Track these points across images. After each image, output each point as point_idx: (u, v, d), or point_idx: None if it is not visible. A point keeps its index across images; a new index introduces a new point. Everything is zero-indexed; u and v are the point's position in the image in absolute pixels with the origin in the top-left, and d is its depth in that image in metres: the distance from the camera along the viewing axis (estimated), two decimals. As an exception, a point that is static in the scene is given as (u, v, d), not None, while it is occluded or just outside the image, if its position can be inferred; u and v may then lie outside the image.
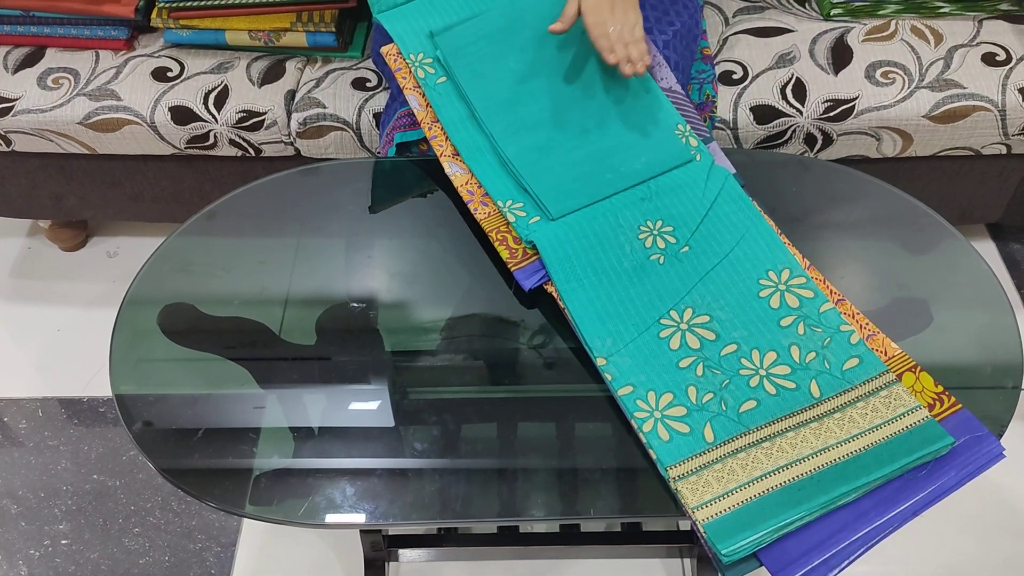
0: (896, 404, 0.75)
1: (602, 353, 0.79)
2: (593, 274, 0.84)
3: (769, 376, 0.77)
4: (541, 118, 0.94)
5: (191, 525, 1.21)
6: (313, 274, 0.91)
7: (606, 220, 0.87)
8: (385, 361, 0.84)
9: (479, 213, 0.90)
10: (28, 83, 1.23)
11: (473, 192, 0.92)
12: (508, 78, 0.96)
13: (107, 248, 1.56)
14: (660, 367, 0.78)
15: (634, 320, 0.81)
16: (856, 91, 1.15)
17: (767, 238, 0.86)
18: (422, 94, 0.98)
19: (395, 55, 1.02)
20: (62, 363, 1.40)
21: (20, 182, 1.35)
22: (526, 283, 0.85)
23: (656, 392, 0.77)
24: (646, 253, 0.85)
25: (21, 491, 1.26)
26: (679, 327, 0.80)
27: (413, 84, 0.99)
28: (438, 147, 0.95)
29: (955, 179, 1.27)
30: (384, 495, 0.74)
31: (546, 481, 0.75)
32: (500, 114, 0.94)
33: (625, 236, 0.86)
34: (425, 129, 0.97)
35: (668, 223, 0.87)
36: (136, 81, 1.22)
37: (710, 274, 0.84)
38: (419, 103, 0.98)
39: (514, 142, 0.92)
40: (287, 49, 1.25)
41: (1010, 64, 1.16)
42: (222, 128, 1.20)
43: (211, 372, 0.84)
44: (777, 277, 0.83)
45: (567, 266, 0.84)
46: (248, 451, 0.77)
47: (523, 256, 0.86)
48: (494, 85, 0.96)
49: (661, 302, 0.82)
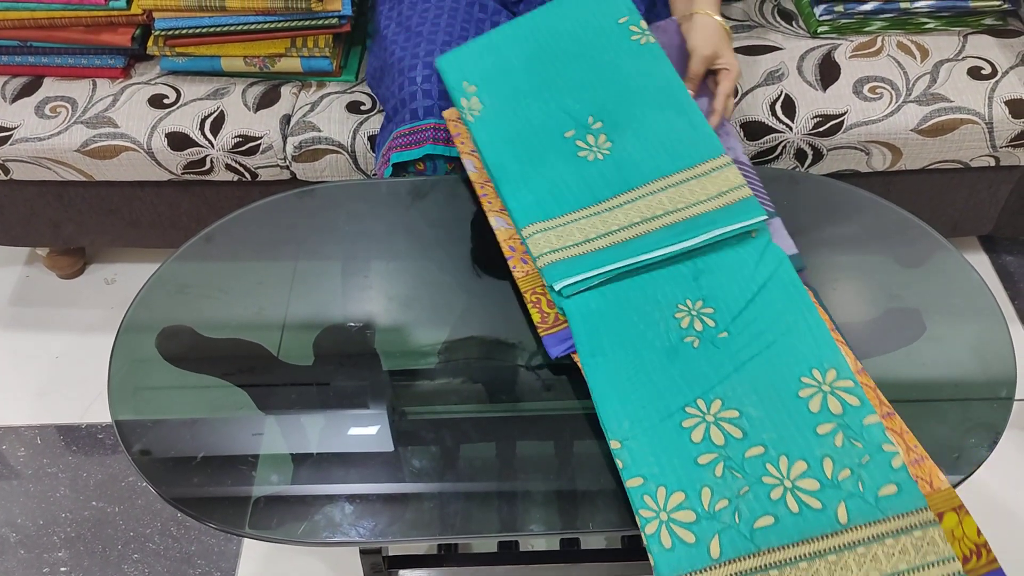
0: (928, 550, 0.66)
1: (616, 436, 0.73)
2: (621, 350, 0.78)
3: (794, 490, 0.69)
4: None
5: (191, 550, 1.21)
6: (310, 295, 0.91)
7: (644, 294, 0.82)
8: (383, 381, 0.85)
9: (517, 271, 0.87)
10: (26, 112, 1.24)
11: (515, 248, 0.89)
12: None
13: (105, 275, 1.57)
14: (677, 460, 0.71)
15: (656, 405, 0.75)
16: (845, 106, 1.16)
17: (816, 332, 0.77)
18: (477, 156, 0.96)
19: (455, 120, 0.99)
20: (60, 390, 1.40)
21: (18, 210, 1.36)
22: (554, 350, 0.81)
23: (667, 489, 0.70)
24: (680, 334, 0.78)
25: (20, 519, 1.25)
26: (704, 418, 0.73)
27: (470, 149, 0.97)
28: (487, 204, 0.93)
29: (945, 192, 1.28)
30: (383, 513, 0.75)
31: (545, 498, 0.76)
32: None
33: (661, 313, 0.80)
34: (478, 189, 0.94)
35: (709, 304, 0.80)
36: (133, 108, 1.23)
37: (747, 365, 0.76)
38: (474, 165, 0.96)
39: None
40: (282, 74, 1.26)
41: (995, 77, 1.17)
42: (218, 153, 1.21)
43: (209, 395, 0.84)
44: (822, 377, 0.74)
45: (594, 338, 0.79)
46: (248, 472, 0.77)
47: (554, 322, 0.83)
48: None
49: (689, 389, 0.75)
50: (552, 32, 0.99)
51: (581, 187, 0.88)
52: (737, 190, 0.85)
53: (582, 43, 0.97)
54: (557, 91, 0.95)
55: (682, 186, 0.87)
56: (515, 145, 0.92)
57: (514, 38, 0.99)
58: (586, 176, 0.89)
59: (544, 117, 0.94)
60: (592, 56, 0.96)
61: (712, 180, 0.87)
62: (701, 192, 0.86)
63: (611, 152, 0.90)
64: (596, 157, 0.90)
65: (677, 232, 0.84)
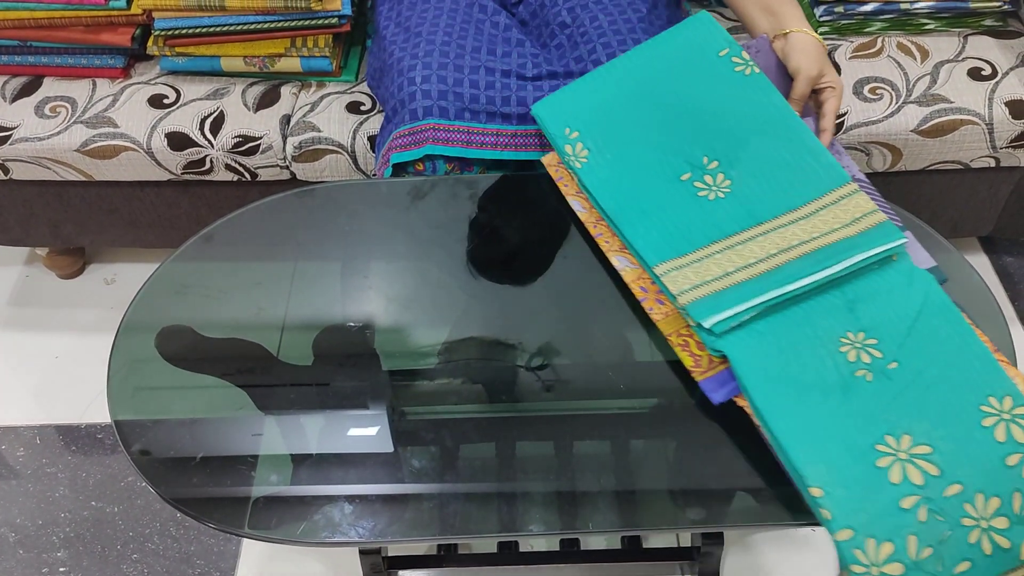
0: None
1: (818, 483, 0.69)
2: (795, 391, 0.74)
3: (989, 530, 0.66)
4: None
5: (190, 550, 1.21)
6: (310, 295, 0.91)
7: (801, 331, 0.77)
8: (383, 381, 0.85)
9: (655, 313, 0.83)
10: (26, 112, 1.24)
11: (647, 289, 0.84)
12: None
13: (104, 275, 1.57)
14: (880, 505, 0.68)
15: (847, 445, 0.71)
16: (845, 107, 1.16)
17: (982, 359, 0.74)
18: (584, 197, 0.92)
19: (555, 164, 0.96)
20: (60, 390, 1.40)
21: (17, 210, 1.35)
22: (715, 395, 0.77)
23: (876, 540, 0.66)
24: (850, 368, 0.75)
25: (19, 519, 1.25)
26: (897, 456, 0.70)
27: (576, 190, 0.93)
28: (605, 244, 0.89)
29: (945, 192, 1.28)
30: (383, 514, 0.74)
31: (545, 498, 0.75)
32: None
33: (825, 349, 0.76)
34: (591, 229, 0.91)
35: (871, 335, 0.76)
36: (133, 108, 1.23)
37: (925, 395, 0.72)
38: (582, 206, 0.92)
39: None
40: (282, 74, 1.26)
41: (995, 78, 1.17)
42: (218, 153, 1.21)
43: (209, 395, 0.84)
44: (999, 404, 0.71)
45: (764, 382, 0.74)
46: (247, 472, 0.77)
47: (709, 364, 0.78)
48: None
49: (875, 425, 0.71)
50: (651, 72, 0.96)
51: (707, 224, 0.85)
52: (870, 215, 0.82)
53: (684, 81, 0.94)
54: (665, 133, 0.92)
55: (813, 217, 0.83)
56: (630, 190, 0.89)
57: (612, 80, 0.97)
58: (710, 214, 0.86)
59: (656, 162, 0.90)
60: (697, 93, 0.93)
61: (842, 208, 0.83)
62: (833, 220, 0.83)
63: (731, 191, 0.87)
64: (717, 196, 0.87)
65: (818, 260, 0.80)
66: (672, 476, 0.77)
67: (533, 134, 1.04)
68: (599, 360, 0.85)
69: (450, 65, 1.05)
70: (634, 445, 0.79)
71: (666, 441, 0.80)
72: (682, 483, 0.76)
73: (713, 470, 0.76)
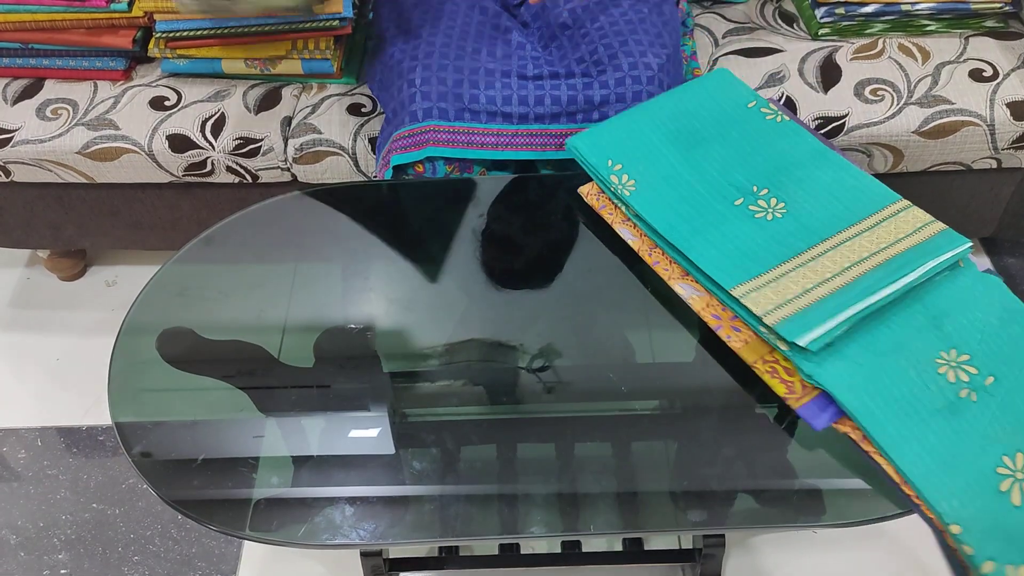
0: None
1: (955, 520, 0.68)
2: (907, 418, 0.73)
3: None
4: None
5: (191, 552, 1.21)
6: (311, 297, 0.91)
7: (896, 355, 0.77)
8: (384, 383, 0.85)
9: (734, 341, 0.80)
10: (27, 114, 1.24)
11: (720, 316, 0.82)
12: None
13: (105, 277, 1.57)
14: (1010, 531, 0.67)
15: (971, 472, 0.70)
16: (846, 108, 1.16)
17: None
18: (633, 225, 0.91)
19: (595, 193, 0.95)
20: (61, 392, 1.40)
21: (18, 212, 1.36)
22: (817, 422, 0.75)
23: (1014, 565, 0.66)
24: (953, 389, 0.74)
25: (20, 521, 1.25)
26: (1015, 476, 0.70)
27: (622, 218, 0.92)
28: (663, 271, 0.88)
29: (947, 194, 1.28)
30: (384, 516, 0.74)
31: (546, 500, 0.75)
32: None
33: (926, 373, 0.75)
34: (645, 257, 0.89)
35: (963, 350, 0.76)
36: (134, 110, 1.23)
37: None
38: (632, 234, 0.91)
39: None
40: (283, 76, 1.26)
41: (997, 79, 1.17)
42: (219, 155, 1.21)
43: (210, 397, 0.84)
44: None
45: (874, 411, 0.73)
46: (248, 474, 0.77)
47: (803, 390, 0.76)
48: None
49: (990, 446, 0.71)
50: (685, 115, 0.98)
51: (774, 243, 0.85)
52: (931, 225, 0.84)
53: (719, 124, 0.96)
54: (710, 167, 0.93)
55: (876, 229, 0.84)
56: (685, 214, 0.88)
57: (645, 119, 0.98)
58: (774, 234, 0.85)
59: (706, 190, 0.91)
60: (734, 135, 0.95)
61: (902, 220, 0.84)
62: (896, 232, 0.83)
63: (788, 211, 0.87)
64: (775, 216, 0.87)
65: (894, 269, 0.80)
66: (673, 478, 0.77)
67: (534, 134, 1.04)
68: (600, 361, 0.85)
69: (450, 67, 1.05)
70: (635, 447, 0.79)
71: (667, 443, 0.80)
72: (683, 485, 0.76)
73: (714, 472, 0.76)
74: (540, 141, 1.04)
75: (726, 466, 0.76)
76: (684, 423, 0.80)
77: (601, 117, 1.04)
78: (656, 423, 0.81)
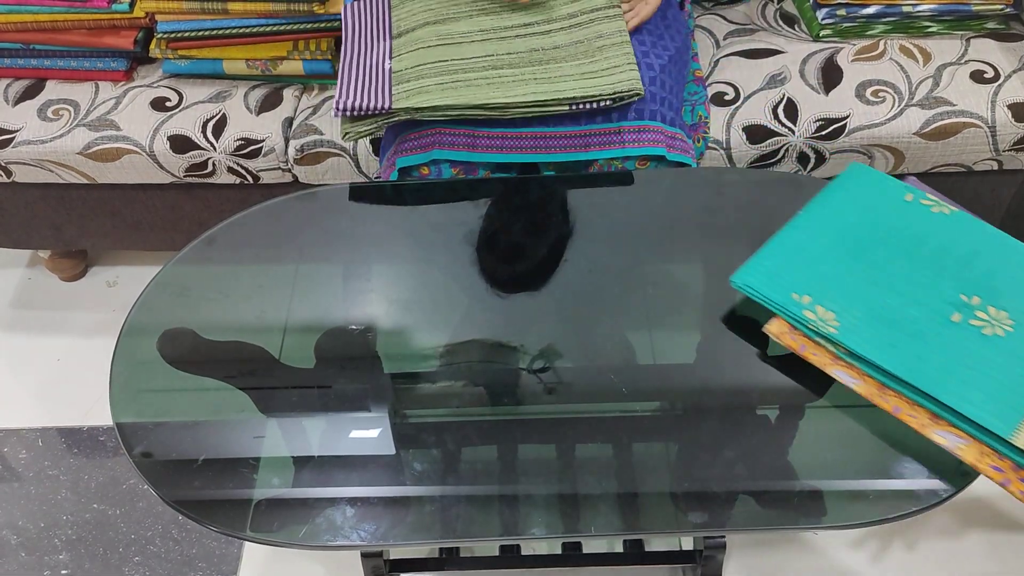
0: None
1: None
2: None
3: None
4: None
5: (192, 553, 1.21)
6: (312, 298, 0.91)
7: None
8: (385, 384, 0.85)
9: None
10: (28, 115, 1.24)
11: (1002, 468, 0.74)
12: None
13: (107, 277, 1.57)
14: None
15: None
16: (847, 110, 1.16)
17: None
18: (849, 365, 0.80)
19: (789, 332, 0.83)
20: (62, 393, 1.40)
21: (20, 213, 1.36)
22: None
23: None
24: None
25: (21, 521, 1.25)
26: None
27: (831, 358, 0.81)
28: (911, 419, 0.77)
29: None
30: (385, 517, 0.74)
31: (547, 501, 0.75)
32: None
33: None
34: (879, 402, 0.78)
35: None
36: (135, 111, 1.23)
37: None
38: (853, 377, 0.80)
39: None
40: (284, 77, 1.26)
41: (998, 81, 1.17)
42: (220, 156, 1.21)
43: (211, 398, 0.84)
44: None
45: None
46: (249, 475, 0.77)
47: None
48: None
49: None
50: (850, 227, 0.89)
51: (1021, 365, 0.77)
52: None
53: (891, 229, 0.88)
54: (908, 283, 0.84)
55: None
56: (912, 348, 0.79)
57: (806, 238, 0.88)
58: (1014, 353, 0.78)
59: (917, 312, 0.82)
60: (909, 239, 0.87)
61: None
62: None
63: (1016, 321, 0.80)
64: (1006, 330, 0.79)
65: None
66: (674, 479, 0.77)
67: (538, 136, 1.04)
68: (601, 363, 0.85)
69: (452, 68, 1.05)
70: (636, 448, 0.79)
71: (668, 444, 0.80)
72: (684, 486, 0.76)
73: (715, 473, 0.76)
74: (545, 144, 1.04)
75: (727, 467, 0.76)
76: (685, 424, 0.80)
77: (605, 119, 1.04)
78: (657, 424, 0.81)
